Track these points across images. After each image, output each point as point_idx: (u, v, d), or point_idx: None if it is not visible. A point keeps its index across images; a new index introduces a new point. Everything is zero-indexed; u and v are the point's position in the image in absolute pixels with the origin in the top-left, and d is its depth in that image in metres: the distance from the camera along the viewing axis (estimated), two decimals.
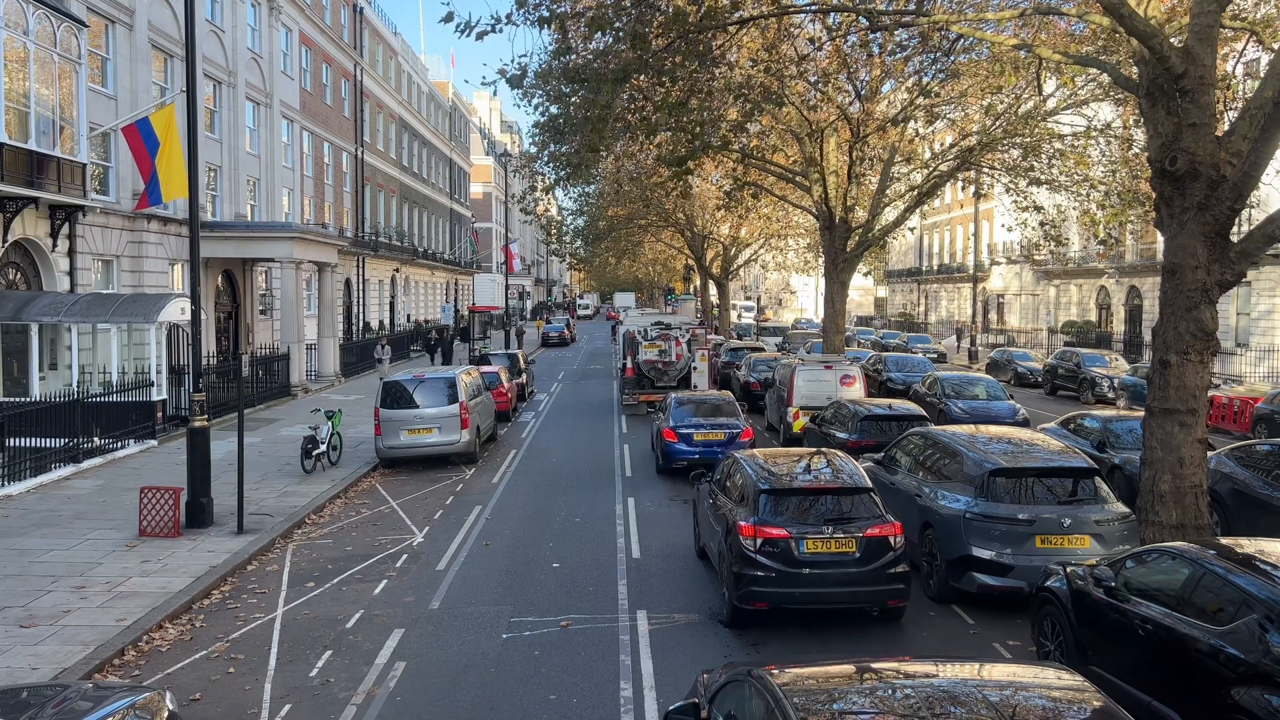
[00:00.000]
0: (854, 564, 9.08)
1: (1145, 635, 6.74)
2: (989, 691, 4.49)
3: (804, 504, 9.53)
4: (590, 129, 11.96)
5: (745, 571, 9.12)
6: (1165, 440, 10.00)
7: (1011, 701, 4.42)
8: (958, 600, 10.00)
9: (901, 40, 17.46)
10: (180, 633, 9.60)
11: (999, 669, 4.99)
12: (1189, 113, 9.94)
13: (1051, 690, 4.65)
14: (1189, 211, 10.01)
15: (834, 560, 9.11)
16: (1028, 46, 12.81)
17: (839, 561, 9.10)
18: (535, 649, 9.07)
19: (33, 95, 18.84)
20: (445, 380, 18.58)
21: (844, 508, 9.45)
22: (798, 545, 9.10)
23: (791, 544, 9.11)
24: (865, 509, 9.47)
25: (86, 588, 10.62)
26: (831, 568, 9.08)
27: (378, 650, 9.09)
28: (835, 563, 9.10)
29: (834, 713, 4.48)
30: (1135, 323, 42.94)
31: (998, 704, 4.33)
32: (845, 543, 9.14)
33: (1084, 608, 7.54)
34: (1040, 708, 4.48)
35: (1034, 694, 4.62)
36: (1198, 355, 10.02)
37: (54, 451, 17.00)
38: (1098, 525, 9.52)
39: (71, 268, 21.57)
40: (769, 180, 28.83)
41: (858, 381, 19.93)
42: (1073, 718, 4.37)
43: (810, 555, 9.09)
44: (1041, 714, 4.42)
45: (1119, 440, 14.91)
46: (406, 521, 14.19)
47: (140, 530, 12.82)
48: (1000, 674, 4.97)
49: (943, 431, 12.01)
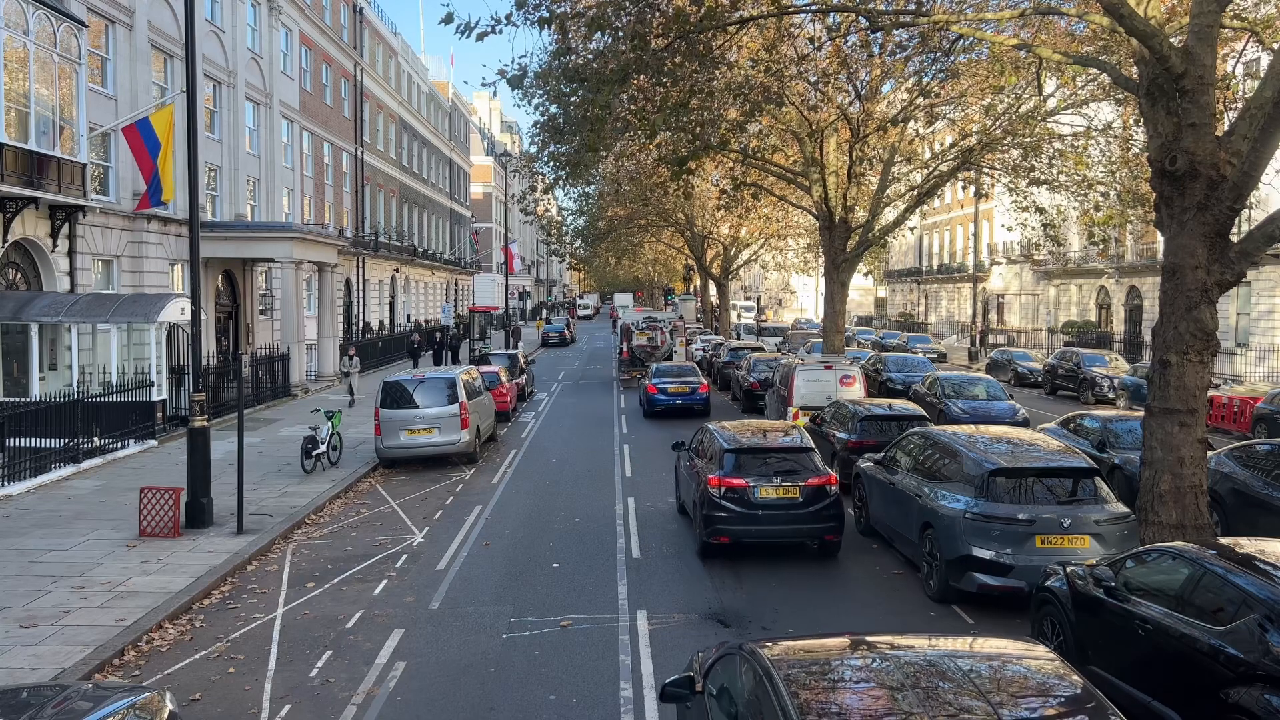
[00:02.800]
0: (797, 507, 11.37)
1: (1145, 635, 6.75)
2: (972, 664, 4.67)
3: (758, 460, 11.73)
4: (590, 129, 11.95)
5: (712, 514, 11.40)
6: (1165, 440, 9.99)
7: (995, 675, 4.61)
8: (958, 600, 10.00)
9: (901, 40, 17.46)
10: (180, 633, 9.61)
11: (982, 644, 5.24)
12: (1189, 113, 9.94)
13: (1031, 665, 4.86)
14: (1189, 211, 10.00)
15: (781, 504, 11.40)
16: (1028, 47, 12.80)
17: (785, 505, 11.39)
18: (535, 649, 9.07)
19: (33, 95, 18.84)
20: (445, 380, 18.59)
21: (790, 464, 11.69)
22: (753, 492, 11.33)
23: (748, 491, 11.32)
24: (808, 465, 11.76)
25: (86, 588, 10.62)
26: (779, 510, 11.37)
27: (378, 650, 9.09)
28: (782, 506, 11.40)
29: (823, 683, 4.59)
30: (1135, 323, 42.94)
31: (981, 676, 4.53)
32: (790, 490, 11.40)
33: (1084, 607, 7.54)
34: (1020, 680, 4.69)
35: (1016, 667, 4.82)
36: (1198, 355, 10.01)
37: (54, 451, 17.00)
38: (1098, 525, 9.52)
39: (71, 268, 21.57)
40: (769, 180, 28.83)
41: (857, 381, 19.93)
42: (1049, 691, 4.60)
43: (763, 500, 11.36)
44: (1021, 687, 4.63)
45: (1119, 440, 14.91)
46: (406, 521, 14.19)
47: (140, 530, 12.82)
48: (983, 648, 5.13)
49: (942, 431, 12.01)
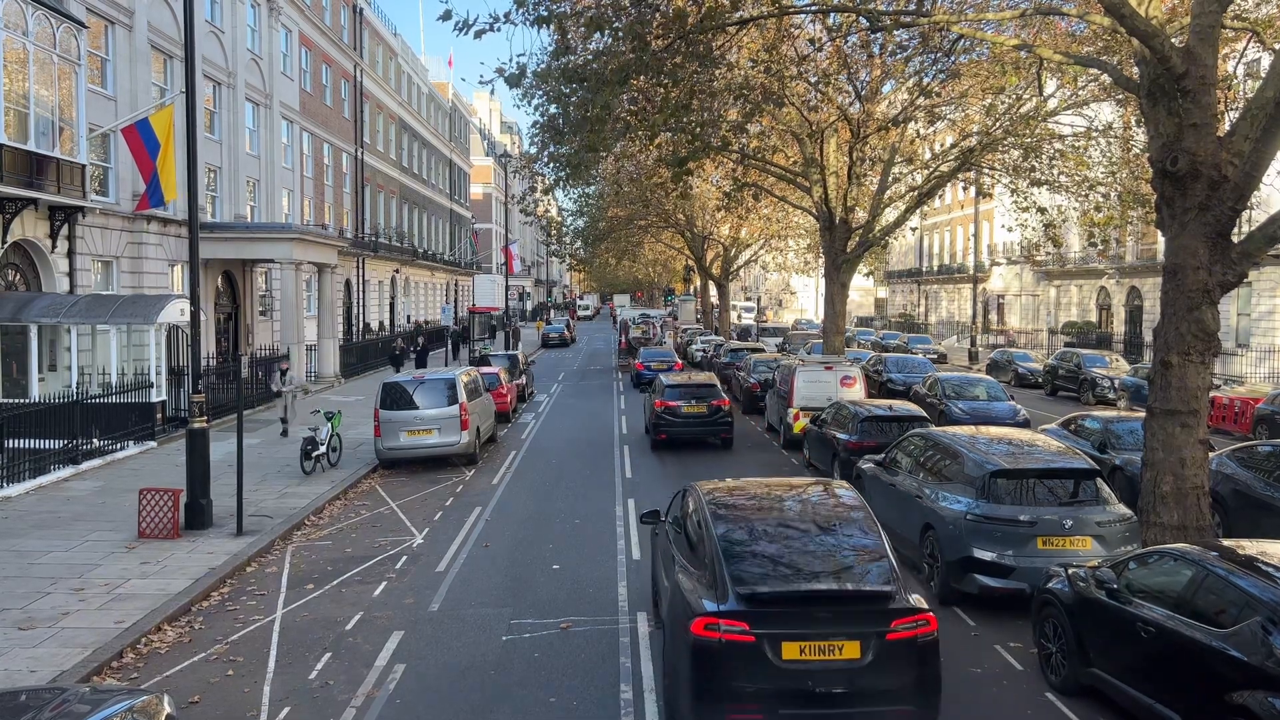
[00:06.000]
0: (706, 415, 19.98)
1: (1148, 637, 6.72)
2: (805, 490, 8.76)
3: (685, 390, 20.41)
4: (590, 130, 11.93)
5: (656, 421, 20.22)
6: (1167, 441, 9.97)
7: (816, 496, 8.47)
8: (959, 602, 9.96)
9: (902, 40, 17.43)
10: (179, 635, 9.58)
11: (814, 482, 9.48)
12: (1190, 113, 9.91)
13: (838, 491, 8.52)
14: (1190, 212, 9.98)
15: (696, 415, 19.99)
16: (1028, 47, 12.78)
17: (699, 415, 19.98)
18: (535, 651, 9.04)
19: (32, 96, 18.82)
20: (445, 381, 18.56)
21: (703, 393, 20.28)
22: (680, 409, 19.99)
23: (678, 407, 20.00)
24: (715, 393, 20.30)
25: (85, 589, 10.59)
26: (695, 417, 19.98)
27: (377, 652, 9.06)
28: (697, 415, 19.98)
29: (727, 499, 8.09)
30: (1136, 323, 42.91)
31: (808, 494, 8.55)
32: (701, 407, 19.97)
33: (1086, 610, 7.51)
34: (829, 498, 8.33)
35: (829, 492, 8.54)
36: (1199, 356, 9.99)
37: (53, 453, 16.97)
38: (1099, 527, 9.49)
39: (71, 269, 21.55)
40: (769, 181, 28.82)
41: (858, 382, 19.92)
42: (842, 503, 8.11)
43: (685, 413, 19.98)
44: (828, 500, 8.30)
45: (1120, 441, 14.88)
46: (406, 523, 14.16)
47: (139, 532, 12.79)
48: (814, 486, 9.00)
49: (943, 432, 11.98)
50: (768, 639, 6.49)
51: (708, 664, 6.56)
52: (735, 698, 6.51)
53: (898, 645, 6.53)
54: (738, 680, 6.49)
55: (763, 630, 6.50)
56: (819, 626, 6.53)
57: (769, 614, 6.59)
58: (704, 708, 6.59)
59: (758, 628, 6.51)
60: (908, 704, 6.56)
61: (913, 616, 6.61)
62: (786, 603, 6.66)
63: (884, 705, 6.52)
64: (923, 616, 6.63)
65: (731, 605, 6.63)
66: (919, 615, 6.63)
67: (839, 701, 6.47)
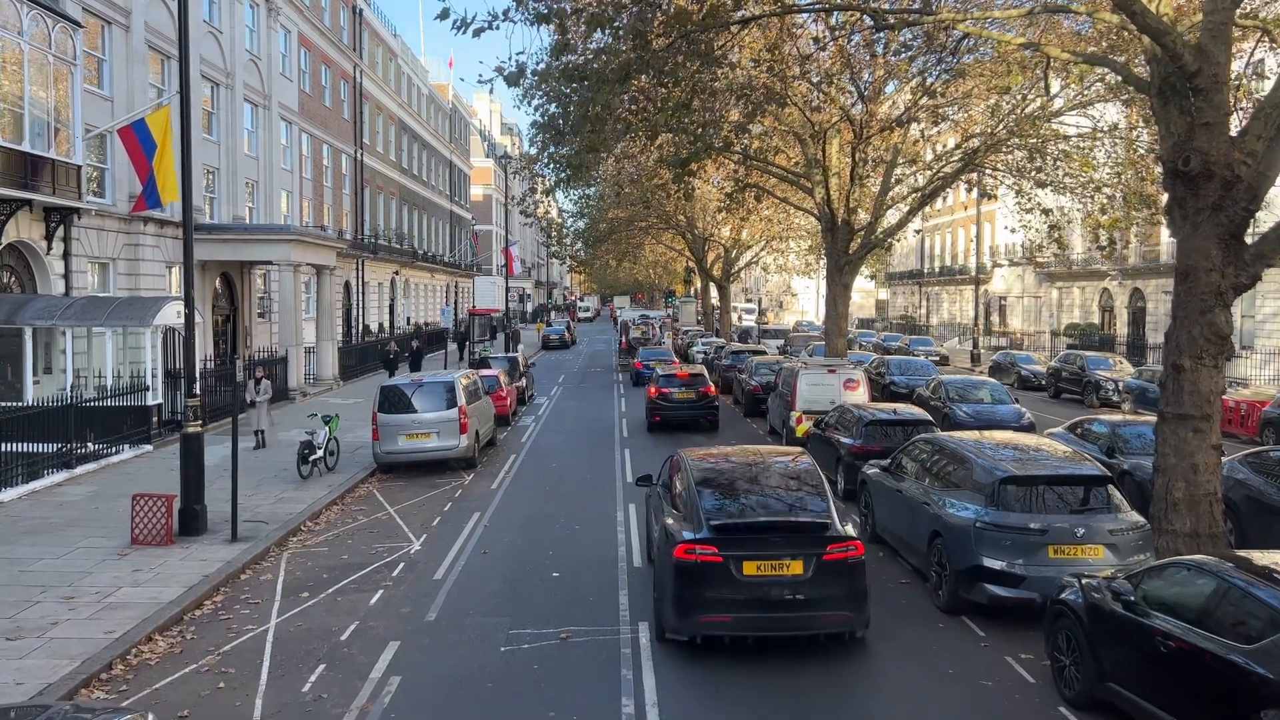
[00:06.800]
0: (695, 400, 22.98)
1: (1167, 652, 6.49)
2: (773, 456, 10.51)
3: (677, 379, 23.41)
4: (590, 129, 11.72)
5: (651, 407, 23.28)
6: (1179, 447, 9.77)
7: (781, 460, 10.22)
8: (968, 612, 9.74)
9: (906, 40, 17.22)
10: (170, 645, 9.36)
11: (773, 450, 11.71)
12: (1202, 112, 9.72)
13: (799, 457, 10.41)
14: (1203, 213, 9.79)
15: (687, 400, 22.97)
16: (1035, 46, 12.59)
17: (689, 400, 22.95)
18: (534, 663, 8.83)
19: (27, 96, 18.63)
20: (444, 384, 18.36)
21: (692, 381, 23.27)
22: (672, 394, 23.01)
23: (670, 393, 23.04)
24: (703, 381, 23.26)
25: (76, 598, 10.38)
26: (685, 403, 22.97)
27: (372, 664, 8.84)
28: (687, 400, 22.96)
29: (707, 461, 9.98)
30: (1139, 325, 42.71)
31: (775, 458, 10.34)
32: (690, 394, 22.99)
33: (1101, 622, 7.29)
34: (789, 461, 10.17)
35: (790, 457, 10.42)
36: (1212, 359, 9.80)
37: (47, 457, 16.77)
38: (1112, 535, 9.27)
39: (67, 270, 21.35)
40: (771, 182, 28.62)
41: (861, 385, 19.69)
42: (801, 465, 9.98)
43: (677, 399, 22.97)
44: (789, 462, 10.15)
45: (1128, 445, 14.68)
46: (404, 529, 13.95)
47: (132, 538, 12.58)
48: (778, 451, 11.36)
49: (950, 437, 11.77)
50: (732, 559, 8.41)
51: (686, 580, 8.46)
52: (707, 605, 8.39)
53: (832, 564, 8.44)
54: (710, 591, 8.39)
55: (728, 553, 8.42)
56: (771, 549, 8.47)
57: (733, 540, 8.51)
58: (684, 613, 8.49)
59: (724, 551, 8.43)
60: (842, 610, 8.47)
61: (844, 543, 8.55)
62: (746, 531, 8.62)
63: (823, 610, 8.41)
64: (852, 543, 8.57)
65: (705, 534, 8.57)
66: (849, 542, 8.57)
67: (788, 607, 8.38)
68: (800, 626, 8.49)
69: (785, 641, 8.81)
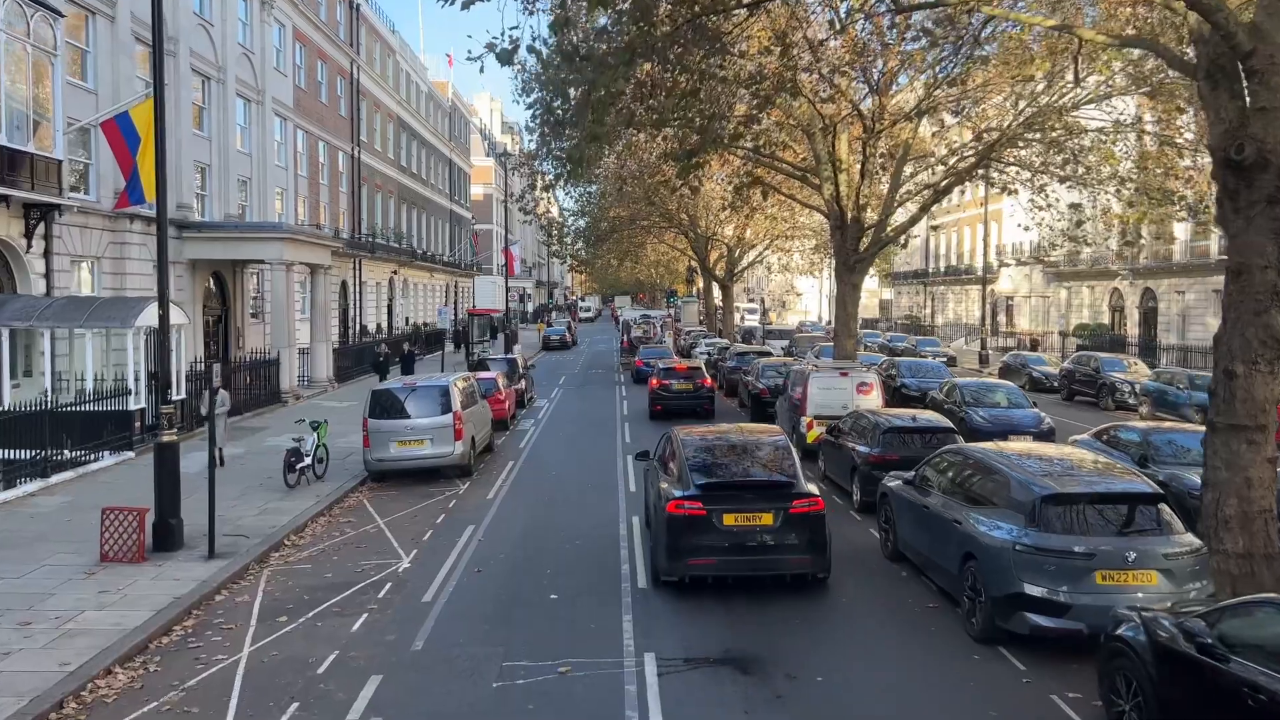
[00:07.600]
0: (692, 391, 25.14)
1: (1257, 707, 5.65)
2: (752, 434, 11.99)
3: (675, 374, 25.55)
4: (592, 117, 10.92)
5: (652, 397, 25.35)
6: (1231, 460, 8.96)
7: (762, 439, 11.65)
8: (1005, 642, 8.88)
9: (923, 24, 16.34)
10: (130, 679, 8.53)
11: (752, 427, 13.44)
12: (1258, 95, 8.91)
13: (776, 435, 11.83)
14: (1257, 206, 8.97)
15: (686, 391, 25.15)
16: (1068, 27, 11.76)
17: (688, 391, 25.15)
18: (529, 701, 8.00)
19: (3, 87, 17.82)
20: (438, 388, 17.54)
21: (690, 373, 25.50)
22: (671, 385, 25.28)
23: (670, 385, 25.30)
24: (700, 374, 25.71)
25: (33, 624, 9.56)
26: (684, 393, 25.10)
27: (351, 701, 8.01)
28: (686, 391, 25.14)
29: (695, 436, 11.64)
30: (1150, 325, 41.86)
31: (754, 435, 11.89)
32: (688, 385, 25.20)
33: (1169, 665, 6.44)
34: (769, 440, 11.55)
35: (769, 434, 11.89)
36: (1267, 365, 8.98)
37: (22, 464, 15.96)
38: (1166, 559, 8.40)
39: (48, 269, 20.52)
40: (777, 178, 27.77)
41: (875, 389, 18.86)
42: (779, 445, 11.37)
43: (676, 390, 25.15)
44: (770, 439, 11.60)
45: (1159, 454, 13.83)
46: (393, 543, 13.12)
47: (101, 555, 11.75)
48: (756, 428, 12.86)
49: (980, 449, 10.92)
50: (714, 512, 10.12)
51: (676, 530, 10.20)
52: (695, 550, 10.12)
53: (797, 516, 10.18)
54: (696, 539, 10.11)
55: (711, 506, 10.13)
56: (746, 504, 10.22)
57: (715, 496, 10.24)
58: (675, 557, 10.23)
59: (708, 505, 10.14)
60: (805, 554, 10.20)
61: (807, 498, 10.28)
62: (726, 489, 10.39)
63: (790, 555, 10.15)
64: (813, 499, 10.30)
65: (692, 492, 10.31)
66: (811, 498, 10.31)
67: (761, 551, 10.11)
68: (771, 568, 10.19)
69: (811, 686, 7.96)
